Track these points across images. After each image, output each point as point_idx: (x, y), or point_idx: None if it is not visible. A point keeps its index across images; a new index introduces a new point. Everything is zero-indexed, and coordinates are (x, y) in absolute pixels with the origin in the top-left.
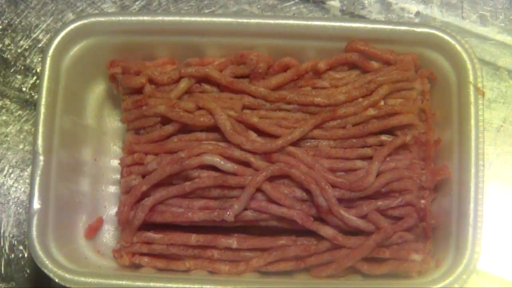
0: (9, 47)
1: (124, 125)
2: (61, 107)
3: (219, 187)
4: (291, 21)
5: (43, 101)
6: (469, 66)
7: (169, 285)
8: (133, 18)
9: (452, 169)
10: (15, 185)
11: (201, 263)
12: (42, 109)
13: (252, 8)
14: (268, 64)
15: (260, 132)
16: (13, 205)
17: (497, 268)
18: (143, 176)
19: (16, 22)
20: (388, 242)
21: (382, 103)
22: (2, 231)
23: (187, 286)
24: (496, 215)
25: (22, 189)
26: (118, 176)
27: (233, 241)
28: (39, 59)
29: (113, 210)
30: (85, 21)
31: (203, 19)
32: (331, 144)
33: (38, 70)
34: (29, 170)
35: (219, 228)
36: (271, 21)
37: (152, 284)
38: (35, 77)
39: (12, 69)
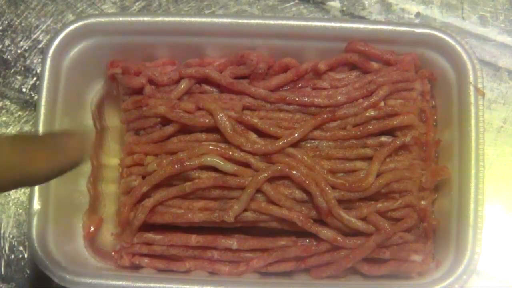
0: (9, 48)
1: (124, 125)
2: (61, 107)
3: (219, 188)
4: (291, 22)
5: (43, 102)
6: (469, 66)
7: (169, 285)
8: (133, 18)
9: (452, 169)
10: None
11: (201, 263)
12: (42, 110)
13: (252, 9)
14: (268, 65)
15: (260, 133)
16: (13, 206)
17: (497, 269)
18: (143, 177)
19: (16, 23)
20: (388, 243)
21: (382, 103)
22: (2, 232)
23: (187, 286)
24: (496, 215)
25: (22, 189)
26: (118, 176)
27: (233, 242)
28: (39, 60)
29: (113, 210)
30: (85, 21)
31: (203, 19)
32: (331, 145)
33: (38, 71)
34: None
35: (219, 229)
36: (271, 22)
37: (152, 284)
38: (35, 78)
39: (12, 70)
